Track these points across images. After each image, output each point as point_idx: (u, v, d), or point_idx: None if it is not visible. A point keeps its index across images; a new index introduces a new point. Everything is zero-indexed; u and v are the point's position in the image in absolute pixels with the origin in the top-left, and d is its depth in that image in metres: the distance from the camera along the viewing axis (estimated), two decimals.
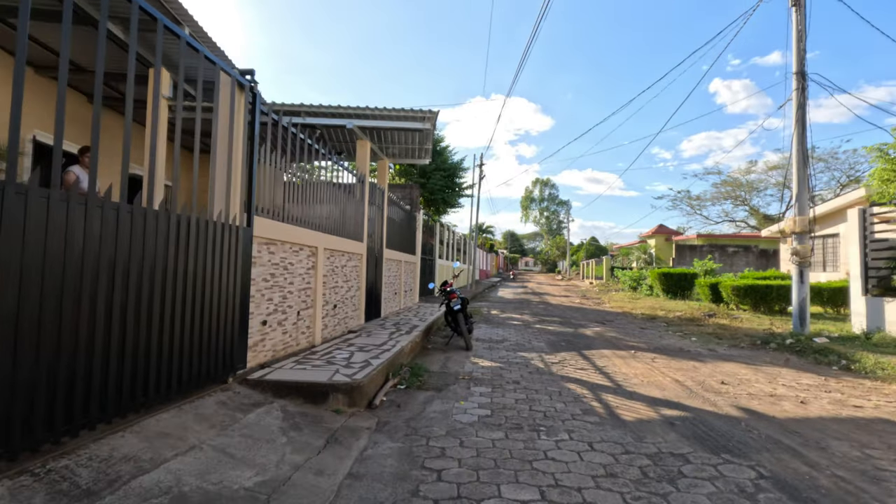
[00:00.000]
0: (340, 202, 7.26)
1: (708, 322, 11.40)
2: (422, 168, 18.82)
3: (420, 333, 7.51)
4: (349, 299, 7.59)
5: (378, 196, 9.52)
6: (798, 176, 8.65)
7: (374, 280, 9.13)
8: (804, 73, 8.66)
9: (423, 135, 9.29)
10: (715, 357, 7.14)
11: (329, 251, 6.66)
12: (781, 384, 5.48)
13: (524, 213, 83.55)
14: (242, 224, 4.22)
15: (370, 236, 8.92)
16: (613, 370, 6.03)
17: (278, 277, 5.14)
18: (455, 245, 22.51)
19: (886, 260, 7.79)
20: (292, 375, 4.30)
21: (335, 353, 5.52)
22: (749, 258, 29.65)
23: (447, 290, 7.84)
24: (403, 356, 6.05)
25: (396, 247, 11.06)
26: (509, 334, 9.15)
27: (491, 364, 6.32)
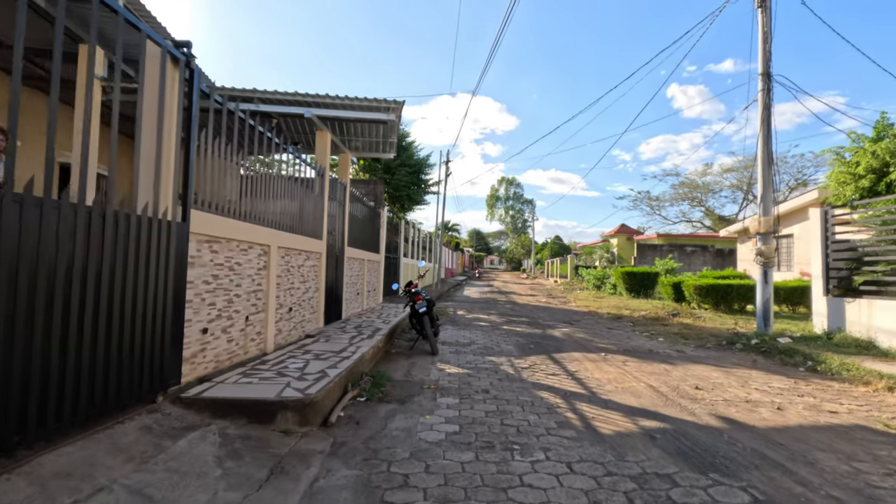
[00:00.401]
0: (297, 197, 6.72)
1: (673, 321, 11.45)
2: (386, 163, 18.25)
3: (383, 337, 7.06)
4: (307, 301, 7.06)
5: (339, 191, 8.99)
6: (763, 176, 8.70)
7: (335, 280, 8.61)
8: (770, 74, 8.72)
9: (388, 127, 8.82)
10: (684, 359, 7.03)
11: (284, 250, 6.12)
12: (754, 388, 5.37)
13: (490, 212, 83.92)
14: (175, 219, 3.67)
15: (330, 234, 8.39)
16: (586, 375, 5.78)
17: (223, 279, 4.59)
18: (421, 243, 22.07)
19: (847, 261, 7.92)
20: (235, 391, 3.79)
21: (288, 362, 5.01)
22: (706, 257, 30.57)
23: (412, 292, 7.43)
24: (364, 363, 5.60)
25: (359, 245, 10.54)
26: (477, 336, 8.83)
27: (458, 370, 5.95)
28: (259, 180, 5.56)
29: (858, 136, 10.21)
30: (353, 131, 9.14)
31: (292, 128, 9.09)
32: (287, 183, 6.38)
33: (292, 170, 6.71)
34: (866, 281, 7.34)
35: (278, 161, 6.45)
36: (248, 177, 5.26)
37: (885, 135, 9.67)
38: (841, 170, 10.35)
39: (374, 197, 13.48)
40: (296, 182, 6.72)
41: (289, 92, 6.99)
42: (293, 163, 6.66)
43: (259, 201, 5.52)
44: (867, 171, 9.66)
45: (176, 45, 3.73)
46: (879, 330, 7.08)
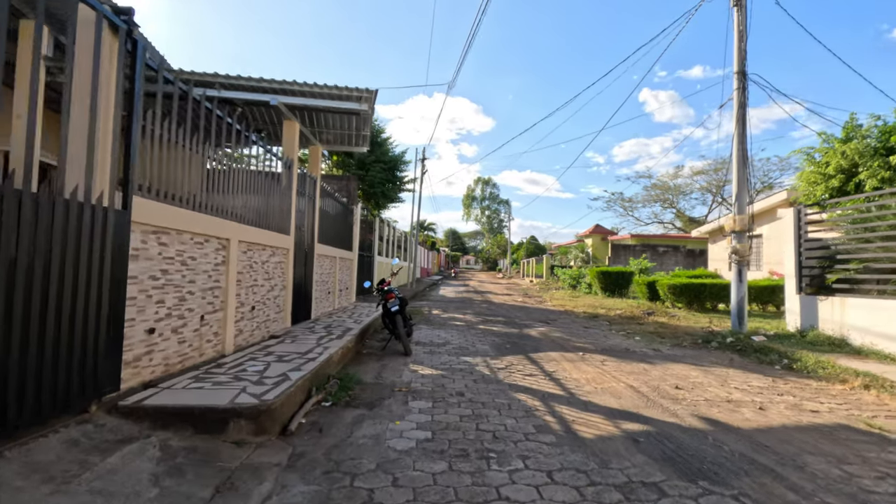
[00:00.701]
0: (262, 189, 6.32)
1: (648, 320, 11.43)
2: (360, 159, 17.80)
3: (353, 338, 6.72)
4: (272, 300, 6.65)
5: (309, 185, 8.59)
6: (738, 175, 8.71)
7: (304, 278, 8.21)
8: (745, 72, 8.73)
9: (361, 119, 8.48)
10: (662, 358, 6.92)
11: (246, 244, 5.72)
12: (734, 387, 5.26)
13: (466, 212, 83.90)
14: (114, 205, 3.27)
15: (299, 229, 7.99)
16: (564, 376, 5.58)
17: (174, 275, 4.19)
18: (396, 242, 21.70)
19: (819, 259, 7.97)
20: (182, 398, 3.41)
21: (248, 364, 4.63)
22: (678, 257, 31.09)
23: (384, 290, 7.10)
24: (332, 365, 5.26)
25: (331, 242, 10.15)
26: (452, 336, 8.56)
27: (432, 372, 5.67)
28: (219, 169, 5.15)
29: (828, 137, 10.38)
30: (324, 122, 8.76)
31: (259, 117, 8.66)
32: (251, 174, 5.99)
33: (257, 161, 6.32)
34: (839, 279, 7.38)
35: (242, 151, 6.03)
36: (206, 165, 4.86)
37: (853, 136, 9.85)
38: (811, 170, 10.51)
39: (347, 193, 13.08)
40: (261, 173, 6.33)
41: (253, 77, 6.58)
42: (258, 153, 6.26)
43: (218, 192, 5.12)
44: (837, 171, 9.81)
45: (115, 11, 3.33)
46: (852, 327, 7.12)
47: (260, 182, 6.26)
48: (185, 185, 4.41)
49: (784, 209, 14.12)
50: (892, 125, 9.34)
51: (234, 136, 5.51)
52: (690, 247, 31.41)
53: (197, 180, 4.66)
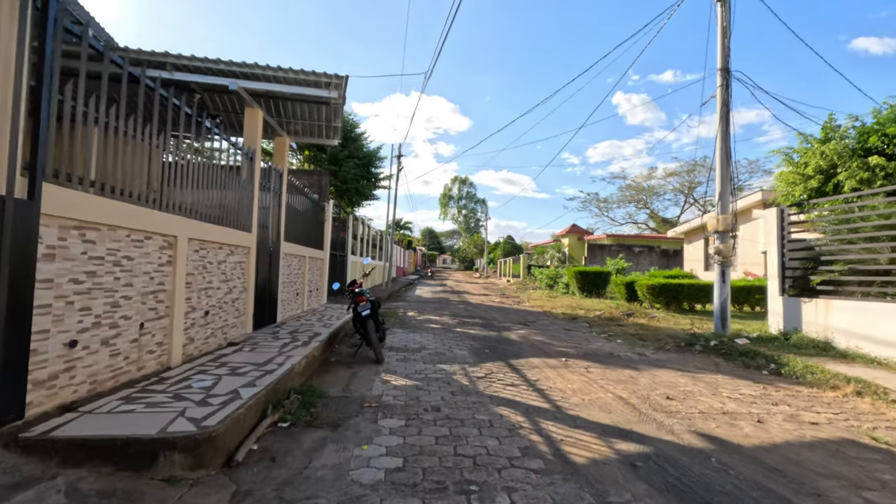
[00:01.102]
0: (219, 182, 5.73)
1: (628, 322, 11.21)
2: (333, 154, 17.10)
3: (320, 344, 6.19)
4: (230, 303, 6.07)
5: (275, 179, 8.00)
6: (721, 174, 8.52)
7: (268, 279, 7.62)
8: (728, 69, 8.54)
9: (331, 109, 7.93)
10: (647, 363, 6.62)
11: (198, 242, 5.14)
12: (726, 396, 4.96)
13: (443, 211, 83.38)
14: (14, 193, 2.69)
15: (263, 227, 7.40)
16: (548, 385, 5.19)
17: (104, 277, 3.60)
18: (371, 241, 21.09)
19: (803, 260, 7.82)
20: (104, 426, 2.85)
21: (195, 379, 4.08)
22: (652, 258, 31.38)
23: (355, 292, 6.59)
24: (294, 377, 4.73)
25: (300, 240, 9.55)
26: (428, 340, 8.10)
27: (405, 382, 5.20)
28: (166, 159, 4.56)
29: (807, 138, 10.34)
30: (291, 112, 8.17)
31: (220, 105, 8.02)
32: (206, 164, 5.40)
33: (212, 150, 5.74)
34: (824, 281, 7.23)
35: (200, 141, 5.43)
36: (150, 153, 4.27)
37: (832, 136, 9.80)
38: (790, 170, 10.44)
39: (318, 189, 12.46)
40: (217, 164, 5.75)
41: (209, 59, 5.96)
42: (217, 143, 5.68)
43: (165, 184, 4.54)
44: (816, 172, 9.74)
45: None
46: (836, 330, 6.97)
47: (216, 174, 5.67)
48: (120, 174, 3.82)
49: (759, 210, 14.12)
50: (869, 126, 9.32)
51: (185, 121, 4.92)
52: (665, 247, 31.75)
53: (137, 170, 4.07)
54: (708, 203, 48.54)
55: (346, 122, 17.95)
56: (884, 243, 6.71)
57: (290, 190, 8.84)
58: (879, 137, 8.96)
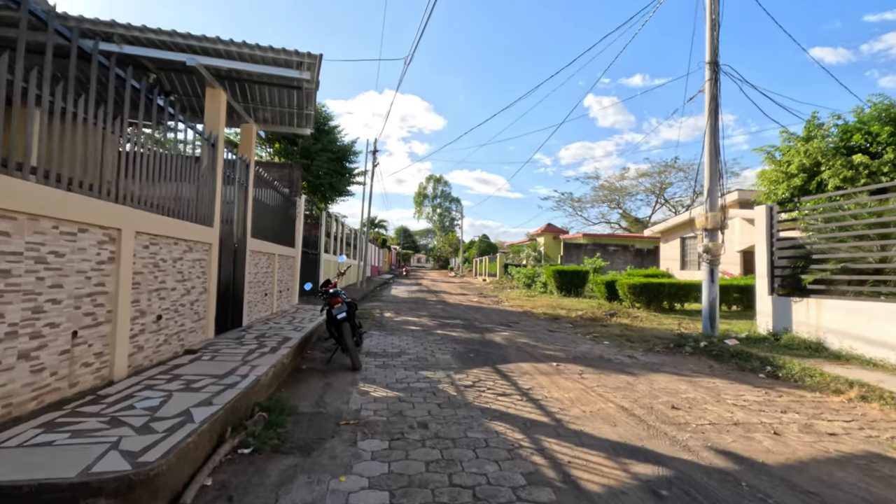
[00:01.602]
0: (175, 170, 5.08)
1: (611, 322, 10.95)
2: (305, 148, 16.30)
3: (291, 350, 5.61)
4: (188, 306, 5.42)
5: (241, 170, 7.34)
6: (710, 170, 8.30)
7: (233, 278, 6.96)
8: (717, 62, 8.32)
9: (303, 94, 7.32)
10: (641, 367, 6.29)
11: (149, 237, 4.49)
12: (731, 403, 4.64)
13: (417, 210, 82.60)
14: None
15: (227, 221, 6.74)
16: (543, 394, 4.76)
17: (23, 278, 2.97)
18: (345, 239, 20.37)
19: (792, 259, 7.66)
20: (7, 467, 2.25)
21: (139, 397, 3.47)
22: (627, 257, 31.66)
23: (329, 292, 6.03)
24: (259, 391, 4.16)
25: (269, 237, 8.88)
26: (407, 344, 7.59)
27: (386, 393, 4.68)
28: (109, 140, 3.91)
29: (790, 136, 10.29)
30: (259, 97, 7.53)
31: (179, 88, 7.32)
32: (159, 149, 4.75)
33: (170, 132, 5.08)
34: (816, 280, 7.06)
35: (145, 118, 4.75)
36: (90, 134, 3.62)
37: (815, 134, 9.76)
38: (773, 168, 10.38)
39: (289, 183, 11.76)
40: (174, 149, 5.10)
41: (164, 30, 5.29)
42: (171, 124, 5.02)
43: (108, 169, 3.90)
44: (799, 170, 9.69)
45: None
46: (828, 330, 6.80)
47: (172, 161, 5.02)
48: (45, 152, 3.19)
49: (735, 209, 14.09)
50: (852, 124, 9.31)
51: (132, 96, 4.28)
52: (639, 246, 32.07)
53: (72, 152, 3.43)
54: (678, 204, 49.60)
55: (319, 113, 17.19)
56: (876, 241, 6.56)
57: (258, 182, 8.18)
58: (863, 136, 8.94)
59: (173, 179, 5.04)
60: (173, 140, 5.23)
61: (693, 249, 19.31)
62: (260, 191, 8.39)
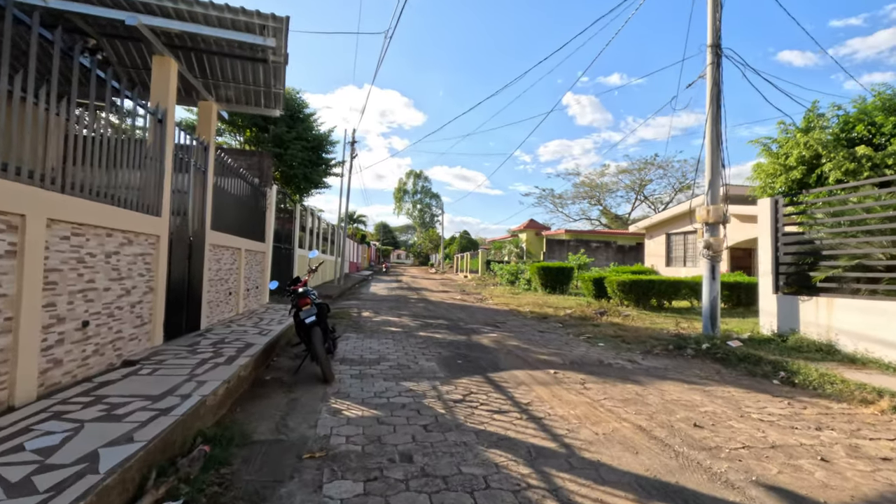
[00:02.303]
0: (108, 148, 4.25)
1: (602, 321, 10.42)
2: (277, 136, 15.28)
3: (252, 360, 4.84)
4: (126, 309, 4.59)
5: (199, 154, 6.49)
6: (712, 160, 7.78)
7: (188, 276, 6.12)
8: (719, 46, 7.80)
9: (270, 69, 6.51)
10: (644, 373, 5.72)
11: (70, 226, 3.67)
12: (756, 418, 4.08)
13: (397, 205, 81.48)
14: None
15: (180, 213, 5.91)
16: (546, 411, 4.11)
17: None
18: (322, 234, 19.44)
19: (799, 255, 7.19)
20: None
21: (37, 431, 2.68)
22: (609, 253, 31.42)
23: (297, 292, 5.26)
24: (205, 414, 3.40)
25: (234, 230, 8.03)
26: (387, 348, 6.87)
27: (362, 412, 3.97)
28: (11, 104, 3.09)
29: (787, 127, 9.89)
30: (220, 71, 6.68)
31: (127, 59, 6.42)
32: (84, 120, 3.92)
33: (106, 109, 4.24)
34: (828, 277, 6.59)
35: (65, 81, 3.92)
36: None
37: (815, 125, 9.36)
38: (770, 161, 9.97)
39: (259, 172, 10.86)
40: (106, 123, 4.26)
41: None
42: (92, 85, 4.18)
43: (7, 141, 3.08)
44: (798, 163, 9.28)
45: None
46: (840, 331, 6.35)
47: (106, 137, 4.19)
48: None
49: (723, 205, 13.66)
50: (853, 115, 8.92)
51: (41, 51, 3.45)
52: (621, 242, 31.89)
53: None
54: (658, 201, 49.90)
55: (293, 99, 16.21)
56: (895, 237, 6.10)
57: (221, 170, 7.32)
58: (866, 126, 8.56)
59: (108, 158, 4.21)
60: (108, 113, 4.39)
61: (679, 246, 19.02)
62: (224, 179, 7.53)
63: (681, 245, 18.97)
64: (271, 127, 14.74)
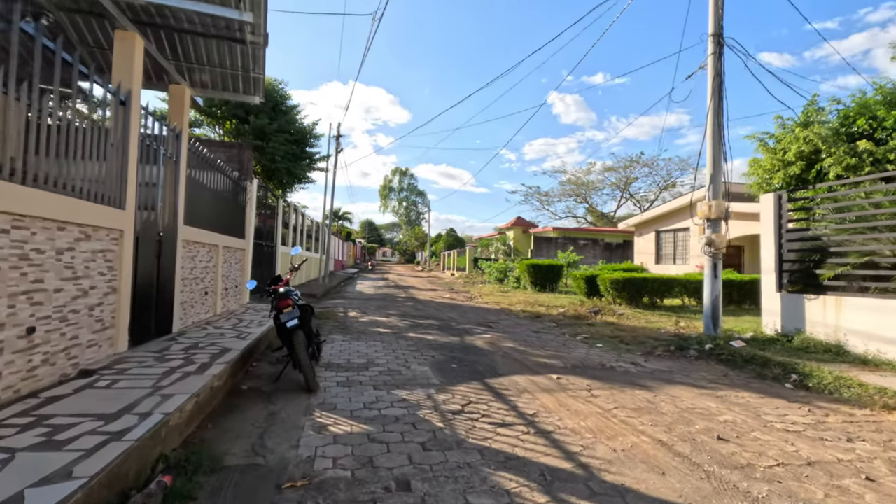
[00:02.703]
0: (61, 131, 3.74)
1: (597, 320, 10.13)
2: (259, 128, 14.63)
3: (228, 367, 4.37)
4: (83, 312, 4.09)
5: (171, 143, 5.97)
6: (713, 154, 7.50)
7: (156, 275, 5.60)
8: (721, 35, 7.51)
9: (249, 50, 6.01)
10: (650, 377, 5.40)
11: (9, 218, 3.17)
12: (781, 429, 3.76)
13: (383, 203, 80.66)
14: None
15: (148, 206, 5.39)
16: (555, 423, 3.73)
17: None
18: (306, 231, 18.85)
19: (803, 252, 6.95)
20: None
21: None
22: (596, 251, 31.33)
23: (278, 292, 4.78)
24: (169, 435, 2.93)
25: (211, 225, 7.51)
26: (376, 351, 6.43)
27: (351, 428, 3.54)
28: None
29: (784, 122, 9.67)
30: (195, 53, 6.15)
31: (88, 37, 5.86)
32: (31, 99, 3.41)
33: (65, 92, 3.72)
34: (836, 275, 6.35)
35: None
36: None
37: (814, 119, 9.16)
38: (767, 157, 9.74)
39: (238, 165, 10.30)
40: (55, 100, 3.75)
41: None
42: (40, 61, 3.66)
43: None
44: (797, 158, 9.06)
45: None
46: (850, 332, 6.11)
47: (57, 120, 3.68)
48: None
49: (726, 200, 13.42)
50: (854, 109, 8.72)
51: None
52: (608, 240, 31.83)
53: None
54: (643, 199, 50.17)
55: (275, 90, 15.57)
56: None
57: (197, 161, 6.79)
58: (867, 120, 8.35)
59: (59, 142, 3.70)
60: (57, 87, 3.87)
61: (668, 243, 18.89)
62: (199, 171, 7.00)
63: (671, 242, 18.83)
64: (251, 118, 14.09)
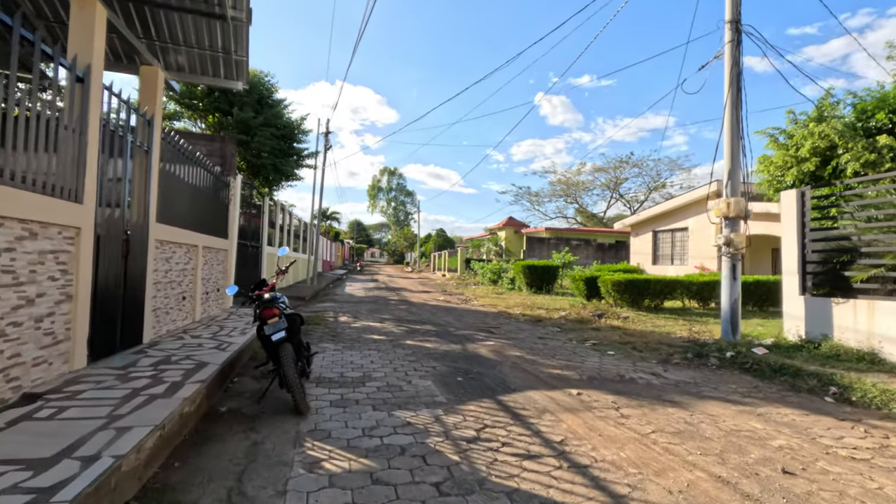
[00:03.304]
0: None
1: (601, 324, 9.64)
2: (243, 121, 13.88)
3: (203, 386, 3.75)
4: (28, 325, 3.44)
5: (142, 131, 5.32)
6: (731, 149, 7.04)
7: (123, 278, 4.95)
8: (739, 21, 7.06)
9: (229, 29, 5.39)
10: (676, 390, 4.89)
11: None
12: (845, 455, 3.27)
13: (371, 203, 79.84)
14: None
15: (113, 202, 4.73)
16: (588, 454, 3.18)
17: None
18: (293, 231, 18.13)
19: (829, 252, 6.50)
20: None
21: None
22: (589, 251, 31.03)
23: (263, 299, 4.16)
24: (121, 483, 2.32)
25: (189, 223, 6.84)
26: (372, 363, 5.84)
27: (349, 464, 2.95)
28: None
29: (796, 117, 9.29)
30: (169, 31, 5.51)
31: (49, 13, 5.19)
32: None
33: None
34: (869, 277, 5.91)
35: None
36: None
37: (828, 114, 8.77)
38: (779, 153, 9.34)
39: (220, 159, 9.61)
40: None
41: None
42: None
43: None
44: (811, 154, 8.66)
45: None
46: (884, 338, 5.68)
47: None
48: None
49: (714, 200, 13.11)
50: (871, 102, 8.35)
51: None
52: (601, 240, 31.57)
53: None
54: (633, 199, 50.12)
55: (261, 83, 14.85)
56: None
57: (173, 153, 6.13)
58: (887, 115, 7.97)
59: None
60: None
61: (666, 243, 18.54)
62: (176, 165, 6.35)
63: (668, 243, 18.49)
64: (235, 110, 13.35)
